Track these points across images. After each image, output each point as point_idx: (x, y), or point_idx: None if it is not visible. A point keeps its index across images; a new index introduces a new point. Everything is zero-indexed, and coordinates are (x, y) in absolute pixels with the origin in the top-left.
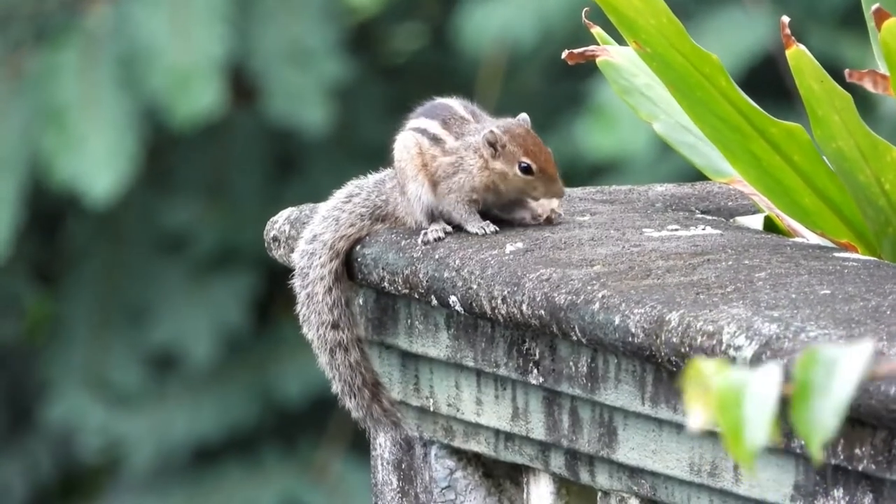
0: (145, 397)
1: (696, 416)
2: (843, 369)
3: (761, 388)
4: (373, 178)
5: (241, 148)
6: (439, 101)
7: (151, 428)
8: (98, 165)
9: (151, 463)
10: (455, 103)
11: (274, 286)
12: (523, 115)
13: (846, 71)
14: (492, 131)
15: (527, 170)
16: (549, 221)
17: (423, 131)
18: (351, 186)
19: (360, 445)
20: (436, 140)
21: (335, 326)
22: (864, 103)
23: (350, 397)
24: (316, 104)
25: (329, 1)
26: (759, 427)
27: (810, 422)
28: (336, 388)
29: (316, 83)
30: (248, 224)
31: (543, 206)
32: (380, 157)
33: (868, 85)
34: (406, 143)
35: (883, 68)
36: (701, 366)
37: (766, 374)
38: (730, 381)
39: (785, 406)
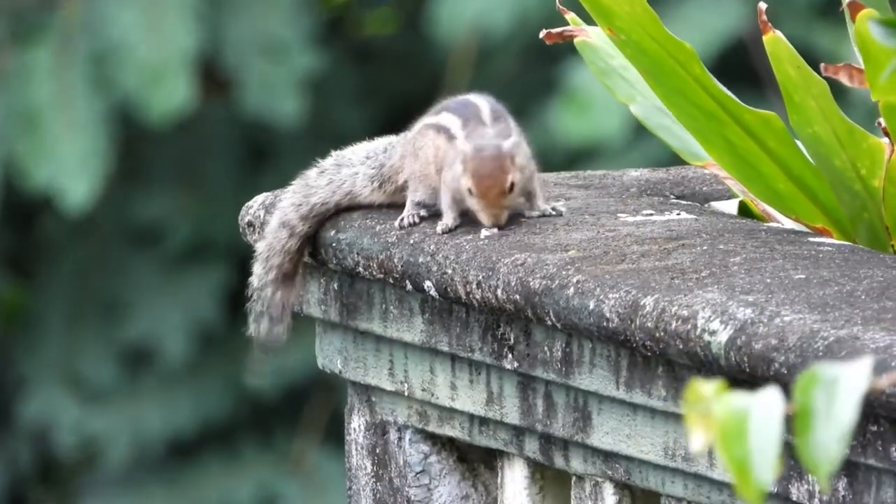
0: (120, 393)
1: (697, 439)
2: (844, 390)
3: (764, 418)
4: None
5: (214, 139)
6: (471, 98)
7: (126, 423)
8: (73, 172)
9: (127, 458)
10: (483, 104)
11: (247, 278)
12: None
13: (822, 65)
14: (464, 151)
15: (470, 192)
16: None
17: (444, 129)
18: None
19: (334, 435)
20: (450, 138)
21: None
22: (838, 90)
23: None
24: (289, 96)
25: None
26: (765, 463)
27: (815, 452)
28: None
29: (289, 76)
30: (221, 215)
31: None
32: (353, 140)
33: (844, 79)
34: (430, 143)
35: (858, 61)
36: (699, 388)
37: (768, 401)
38: (731, 411)
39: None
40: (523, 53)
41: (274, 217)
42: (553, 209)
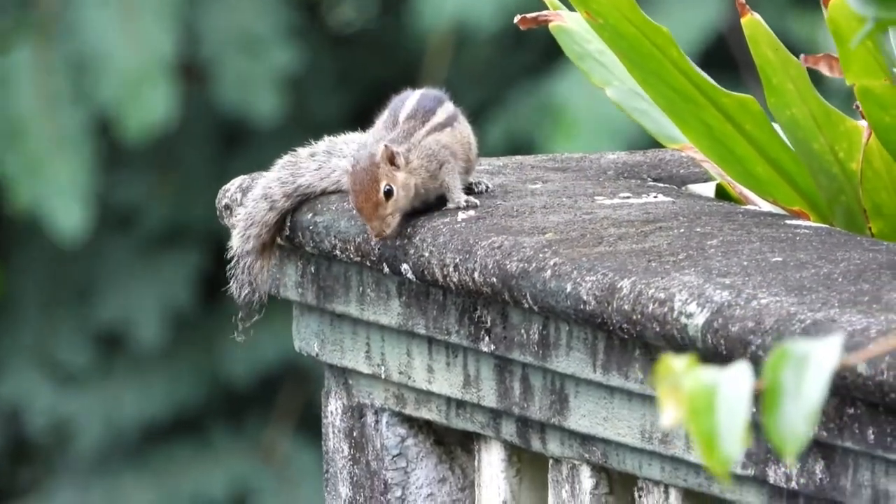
0: (93, 376)
1: (669, 413)
2: (813, 368)
3: (733, 392)
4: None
5: (189, 124)
6: (402, 95)
7: (99, 407)
8: (62, 194)
9: (100, 443)
10: (411, 101)
11: (221, 263)
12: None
13: (801, 56)
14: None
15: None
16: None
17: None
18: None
19: (307, 425)
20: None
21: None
22: (815, 75)
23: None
24: (266, 93)
25: None
26: (732, 435)
27: (782, 429)
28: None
29: (266, 72)
30: (196, 200)
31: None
32: (330, 129)
33: (824, 69)
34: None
35: (833, 49)
36: (670, 362)
37: (737, 375)
38: (700, 385)
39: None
40: (503, 49)
41: (257, 187)
42: (466, 202)
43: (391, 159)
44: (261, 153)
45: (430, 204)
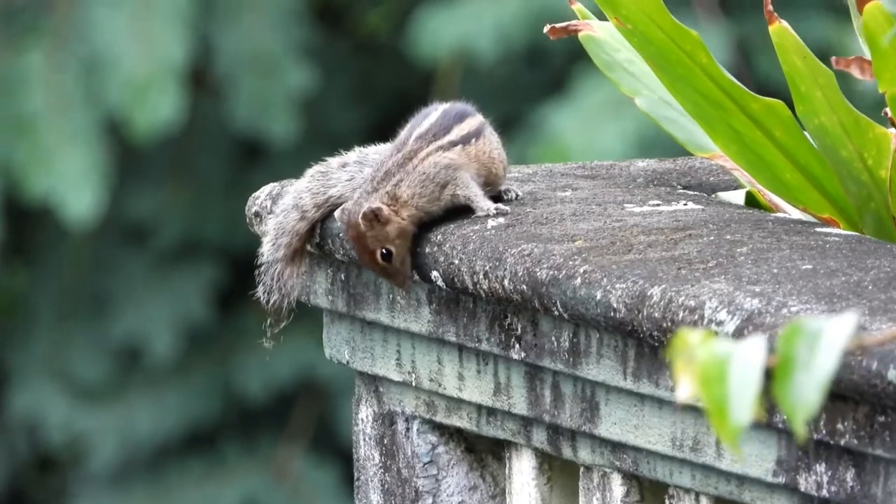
0: (109, 391)
1: (684, 387)
2: (826, 343)
3: (745, 362)
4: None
5: (205, 137)
6: (426, 110)
7: (115, 423)
8: (73, 183)
9: (115, 458)
10: (431, 117)
11: (236, 277)
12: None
13: (832, 58)
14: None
15: None
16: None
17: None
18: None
19: (321, 441)
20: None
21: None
22: (843, 82)
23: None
24: (281, 115)
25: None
26: (743, 404)
27: (793, 398)
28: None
29: (281, 93)
30: (210, 213)
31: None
32: (346, 141)
33: (855, 72)
34: None
35: (863, 52)
36: (686, 336)
37: (751, 347)
38: (713, 355)
39: (769, 380)
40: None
41: (288, 196)
42: (496, 209)
43: (376, 218)
44: (277, 166)
45: (461, 210)
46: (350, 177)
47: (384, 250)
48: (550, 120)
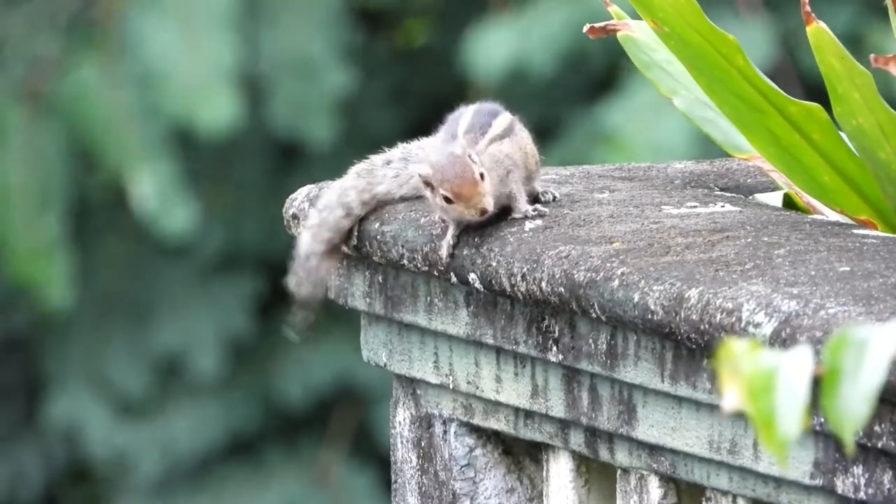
0: (150, 404)
1: (730, 397)
2: (873, 353)
3: (793, 374)
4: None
5: (246, 141)
6: (462, 110)
7: (157, 438)
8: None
9: (156, 471)
10: (466, 116)
11: (276, 286)
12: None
13: (871, 56)
14: (422, 174)
15: (447, 199)
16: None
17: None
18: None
19: (361, 446)
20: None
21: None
22: (882, 82)
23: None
24: (321, 117)
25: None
26: (791, 416)
27: (841, 410)
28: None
29: (321, 96)
30: (250, 223)
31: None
32: (383, 143)
33: (893, 70)
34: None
35: None
36: (732, 346)
37: (798, 358)
38: (760, 366)
39: (814, 388)
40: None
41: (332, 191)
42: (535, 210)
43: (468, 155)
44: (314, 169)
45: (497, 215)
46: (395, 173)
47: (481, 171)
48: (603, 119)
